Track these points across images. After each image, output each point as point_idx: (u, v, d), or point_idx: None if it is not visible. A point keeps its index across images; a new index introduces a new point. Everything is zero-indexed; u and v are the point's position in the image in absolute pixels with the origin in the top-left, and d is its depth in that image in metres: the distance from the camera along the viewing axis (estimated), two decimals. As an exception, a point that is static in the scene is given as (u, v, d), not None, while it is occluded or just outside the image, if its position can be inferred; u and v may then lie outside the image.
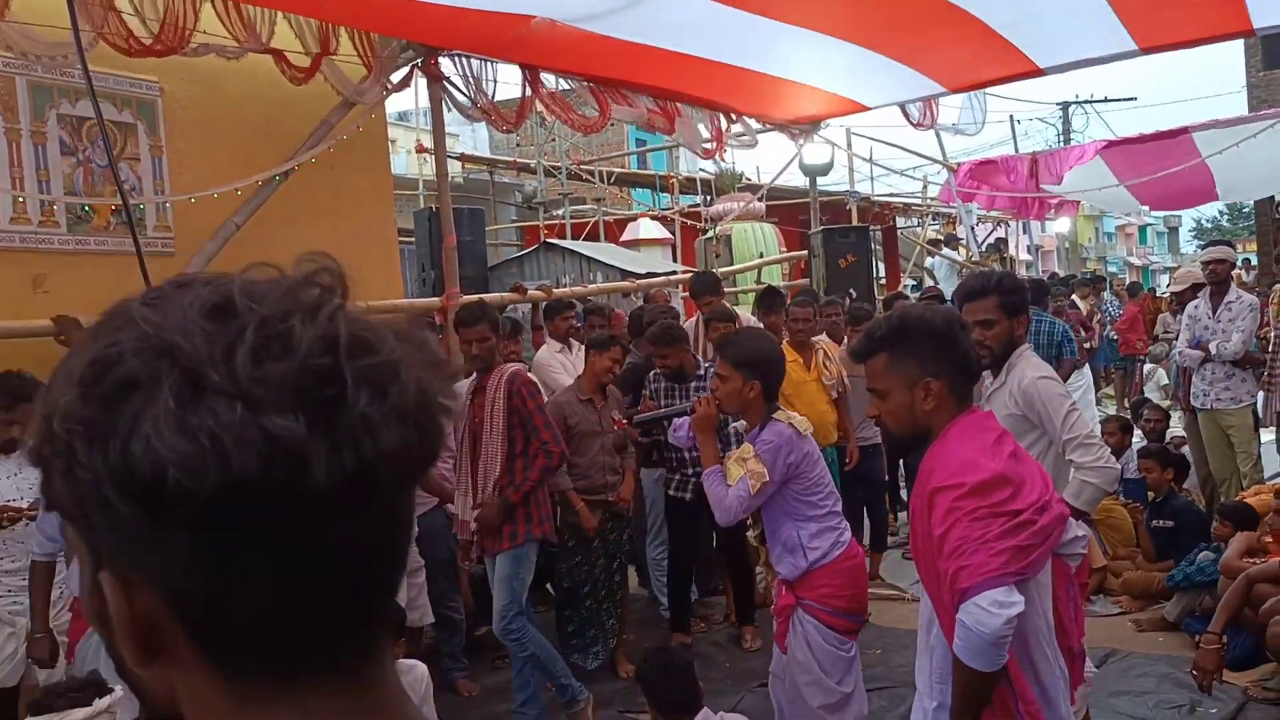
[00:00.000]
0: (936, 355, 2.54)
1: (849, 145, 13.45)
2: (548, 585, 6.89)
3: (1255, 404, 7.11)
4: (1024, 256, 24.05)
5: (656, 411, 4.63)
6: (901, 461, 7.72)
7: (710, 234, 12.31)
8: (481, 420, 4.81)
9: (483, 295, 7.95)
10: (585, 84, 7.53)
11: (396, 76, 6.44)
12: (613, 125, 8.15)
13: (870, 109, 9.45)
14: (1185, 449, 7.51)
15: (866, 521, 7.18)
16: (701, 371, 5.94)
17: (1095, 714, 3.91)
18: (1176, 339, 7.67)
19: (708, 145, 8.71)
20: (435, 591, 5.48)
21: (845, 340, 7.00)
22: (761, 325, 6.66)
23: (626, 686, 5.43)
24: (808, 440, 3.73)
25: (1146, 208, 14.39)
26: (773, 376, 3.84)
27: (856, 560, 3.80)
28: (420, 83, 6.97)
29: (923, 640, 2.65)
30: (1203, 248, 8.38)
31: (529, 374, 5.03)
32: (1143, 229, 58.67)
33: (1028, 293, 3.85)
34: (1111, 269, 41.93)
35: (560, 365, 6.81)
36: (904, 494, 7.93)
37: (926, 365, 2.54)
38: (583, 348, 6.86)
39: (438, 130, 7.05)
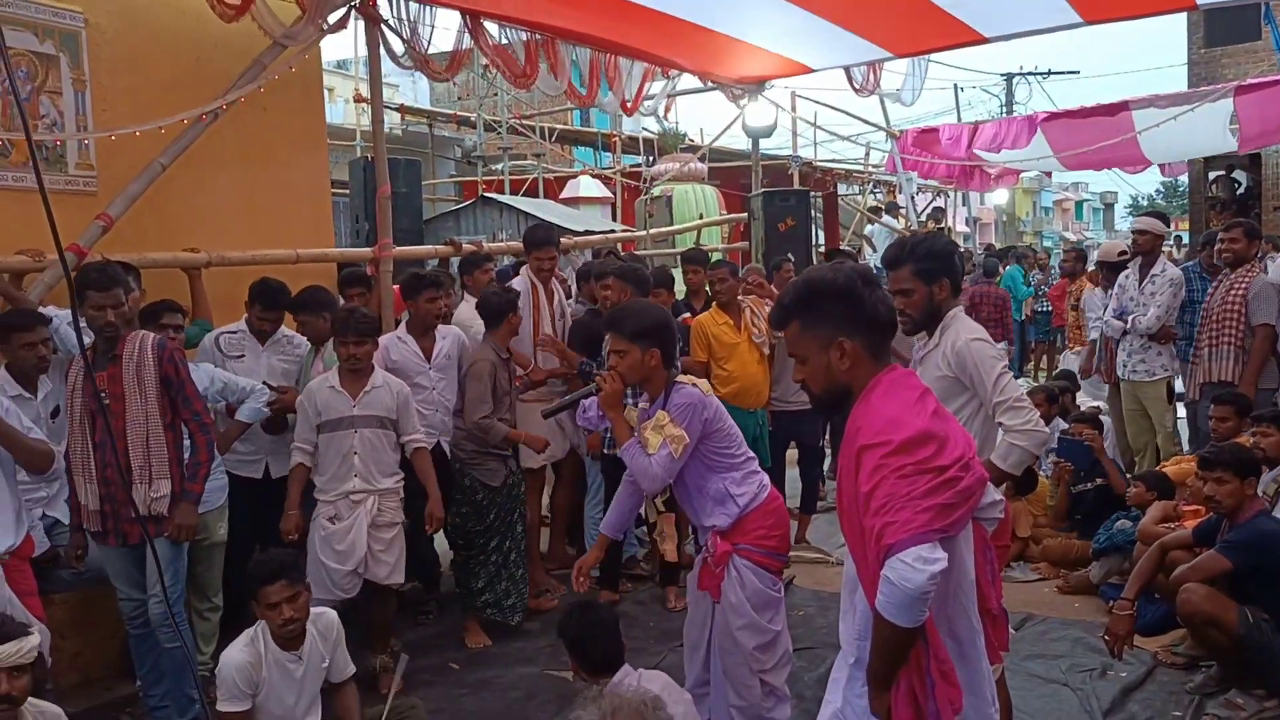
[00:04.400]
0: (845, 315, 2.55)
1: (793, 108, 13.44)
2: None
3: (1170, 377, 7.23)
4: (962, 229, 24.34)
5: (561, 401, 4.61)
6: (829, 426, 7.72)
7: (649, 194, 12.25)
8: (120, 392, 4.31)
9: (416, 248, 7.86)
10: (521, 37, 7.40)
11: (334, 18, 6.26)
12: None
13: (815, 71, 9.44)
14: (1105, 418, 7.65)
15: (799, 485, 7.26)
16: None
17: (1009, 677, 3.96)
18: (1104, 312, 7.75)
19: (627, 104, 8.62)
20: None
21: None
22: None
23: (551, 645, 5.43)
24: (713, 397, 3.88)
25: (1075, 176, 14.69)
26: (669, 341, 3.92)
27: (780, 502, 3.95)
28: (357, 30, 6.80)
29: (846, 602, 2.66)
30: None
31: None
32: (1079, 204, 59.69)
33: (946, 257, 3.77)
34: (1047, 243, 42.61)
35: None
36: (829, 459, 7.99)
37: (838, 326, 2.55)
38: None
39: (374, 76, 6.88)
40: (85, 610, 4.67)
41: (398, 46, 6.62)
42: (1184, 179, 21.31)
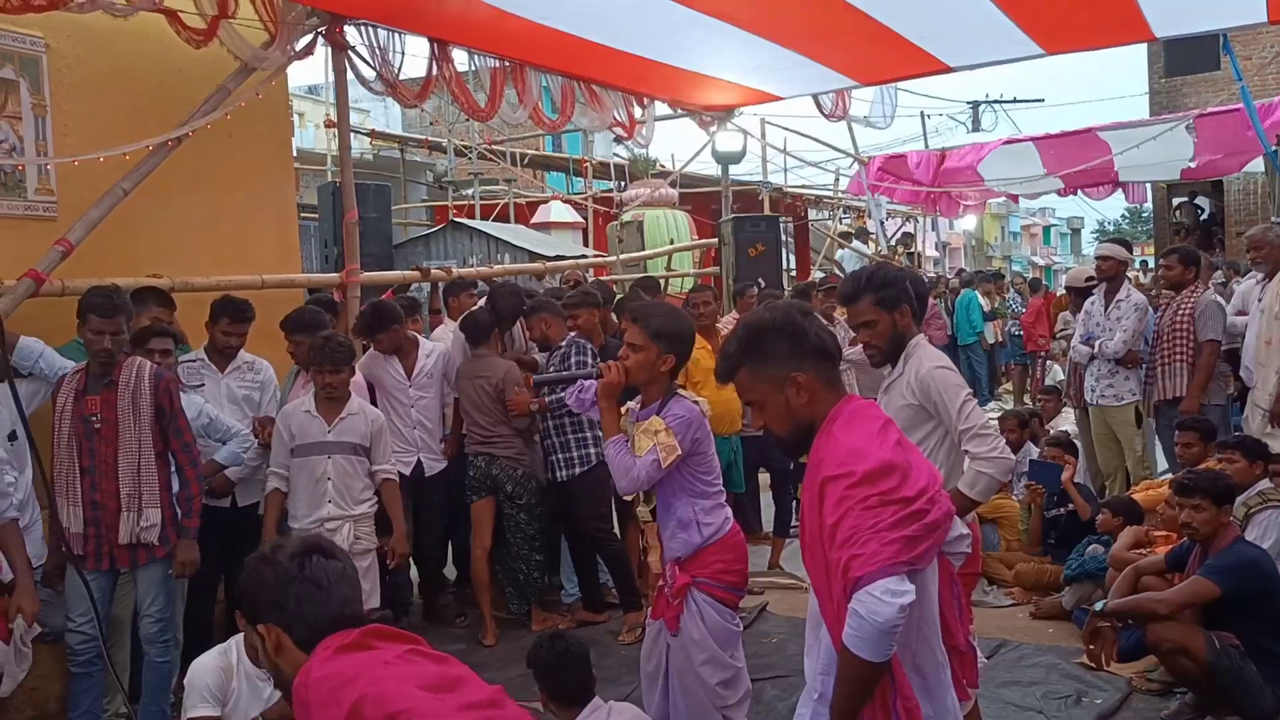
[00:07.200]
0: (791, 350, 2.54)
1: (763, 134, 13.50)
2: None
3: (1138, 401, 7.26)
4: (931, 253, 24.47)
5: (561, 374, 4.42)
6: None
7: (620, 219, 12.24)
8: (113, 418, 4.35)
9: (385, 273, 7.80)
10: (490, 64, 7.37)
11: (300, 44, 6.22)
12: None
13: (783, 99, 9.48)
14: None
15: (773, 509, 7.23)
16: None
17: (984, 704, 3.93)
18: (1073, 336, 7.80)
19: (620, 130, 8.60)
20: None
21: None
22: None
23: (521, 675, 5.34)
24: (707, 420, 3.78)
25: (1056, 185, 14.74)
26: (685, 355, 3.84)
27: (740, 537, 3.88)
28: (327, 55, 6.76)
29: (810, 637, 2.62)
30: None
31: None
32: (1047, 229, 60.20)
33: (904, 283, 3.74)
34: (1015, 268, 42.93)
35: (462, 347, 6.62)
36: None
37: (786, 363, 2.53)
38: None
39: (341, 101, 6.85)
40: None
41: (368, 72, 6.59)
42: (1149, 205, 21.54)
